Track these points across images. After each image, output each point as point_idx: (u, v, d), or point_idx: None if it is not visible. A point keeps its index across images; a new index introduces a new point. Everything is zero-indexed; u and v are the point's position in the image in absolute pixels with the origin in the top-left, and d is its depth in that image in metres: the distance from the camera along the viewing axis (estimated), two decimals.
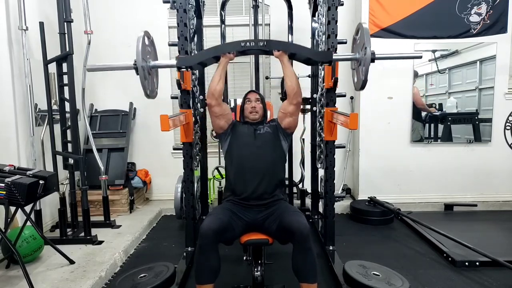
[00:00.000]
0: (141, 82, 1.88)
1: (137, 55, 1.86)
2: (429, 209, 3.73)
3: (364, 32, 1.85)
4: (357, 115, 1.98)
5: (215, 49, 2.12)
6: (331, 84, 2.31)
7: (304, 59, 2.20)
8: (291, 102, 2.12)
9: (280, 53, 2.10)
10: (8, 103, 2.73)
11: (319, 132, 2.79)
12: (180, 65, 2.08)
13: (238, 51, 2.11)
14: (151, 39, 2.04)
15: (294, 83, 2.10)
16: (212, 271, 1.79)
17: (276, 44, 2.16)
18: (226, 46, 2.29)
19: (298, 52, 2.12)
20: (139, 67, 1.85)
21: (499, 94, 3.65)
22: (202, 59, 2.15)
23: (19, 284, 2.12)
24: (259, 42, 2.09)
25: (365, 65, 1.85)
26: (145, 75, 1.90)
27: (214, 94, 2.08)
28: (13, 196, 1.96)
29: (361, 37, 1.91)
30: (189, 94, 2.40)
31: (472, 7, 3.53)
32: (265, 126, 2.19)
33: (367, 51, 1.81)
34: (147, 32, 1.97)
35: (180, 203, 2.99)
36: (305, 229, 1.72)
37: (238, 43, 2.06)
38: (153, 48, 2.07)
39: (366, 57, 1.81)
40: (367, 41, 1.82)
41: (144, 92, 1.92)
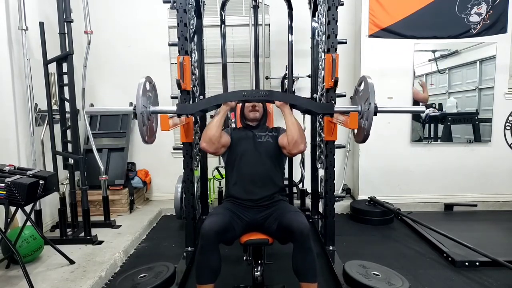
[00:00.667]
0: (139, 128, 1.83)
1: (137, 101, 1.78)
2: (429, 209, 3.73)
3: (368, 86, 1.84)
4: (357, 115, 1.98)
5: (216, 98, 2.09)
6: (331, 84, 2.31)
7: (305, 111, 2.20)
8: (290, 152, 2.05)
9: (281, 103, 2.06)
10: (8, 103, 2.73)
11: (319, 132, 2.79)
12: (181, 112, 2.06)
13: (239, 100, 2.10)
14: (153, 84, 1.99)
15: (295, 133, 2.01)
16: (213, 271, 1.79)
17: (277, 95, 2.13)
18: (228, 95, 2.27)
19: (299, 104, 2.11)
20: (138, 114, 1.79)
21: (499, 94, 3.65)
22: (203, 107, 2.14)
23: (19, 284, 2.12)
24: (261, 93, 2.07)
25: (368, 119, 1.84)
26: (144, 121, 1.84)
27: (214, 142, 2.01)
28: (13, 196, 1.96)
29: (364, 90, 1.90)
30: (189, 94, 2.39)
31: (472, 7, 3.53)
32: (267, 134, 2.17)
33: (371, 106, 1.80)
34: (149, 77, 1.91)
35: (180, 203, 2.99)
36: (305, 229, 1.72)
37: (240, 93, 2.04)
38: (154, 92, 2.01)
39: (369, 111, 1.81)
40: (371, 95, 1.81)
41: (142, 139, 1.86)
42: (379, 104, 1.89)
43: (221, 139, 2.06)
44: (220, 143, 2.05)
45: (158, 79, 2.20)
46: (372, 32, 3.57)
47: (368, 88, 1.84)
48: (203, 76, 3.29)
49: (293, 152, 2.06)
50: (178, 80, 2.26)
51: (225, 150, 2.14)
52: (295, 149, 2.03)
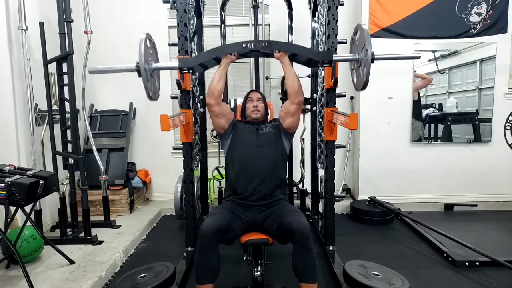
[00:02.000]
0: (143, 84, 1.88)
1: (140, 57, 1.85)
2: (429, 209, 3.73)
3: (364, 33, 1.85)
4: (357, 115, 1.98)
5: (216, 50, 2.12)
6: (331, 84, 2.31)
7: (304, 60, 2.20)
8: (292, 102, 2.12)
9: (280, 53, 2.11)
10: (8, 103, 2.73)
11: (319, 132, 2.79)
12: (182, 66, 2.08)
13: (239, 52, 2.11)
14: (153, 42, 2.04)
15: (295, 82, 2.10)
16: (212, 271, 1.79)
17: (277, 44, 2.16)
18: (227, 47, 2.30)
19: (299, 52, 2.12)
20: (141, 70, 1.85)
21: (499, 94, 3.65)
22: (203, 60, 2.16)
23: (19, 284, 2.12)
24: (260, 43, 2.09)
25: (366, 66, 1.84)
26: (148, 77, 1.90)
27: (214, 93, 2.09)
28: (13, 196, 1.96)
29: (360, 38, 1.91)
30: (189, 94, 2.39)
31: (472, 7, 3.53)
32: (267, 126, 2.19)
33: (367, 52, 1.80)
34: (149, 34, 1.96)
35: (180, 203, 2.99)
36: (305, 229, 1.72)
37: (239, 44, 2.06)
38: (154, 50, 2.06)
39: (367, 58, 1.81)
40: (367, 42, 1.81)
41: (147, 94, 1.92)
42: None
43: (223, 105, 2.14)
44: (220, 97, 2.13)
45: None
46: (372, 32, 3.57)
47: (364, 35, 1.83)
48: (203, 76, 3.29)
49: (295, 102, 2.12)
50: (178, 80, 2.26)
51: (225, 121, 2.15)
52: (296, 98, 2.11)
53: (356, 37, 1.99)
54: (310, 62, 2.25)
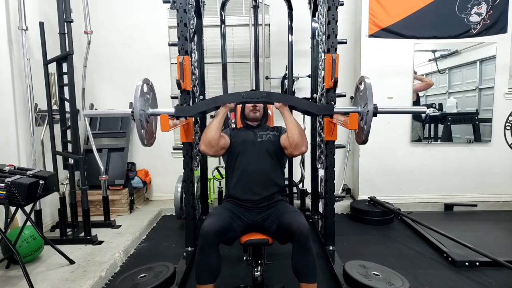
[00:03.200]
0: (137, 131, 1.82)
1: (134, 102, 1.76)
2: (429, 209, 3.73)
3: (366, 87, 1.83)
4: (357, 115, 1.98)
5: (215, 100, 2.09)
6: (331, 84, 2.31)
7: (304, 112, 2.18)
8: (291, 154, 2.07)
9: (280, 104, 2.05)
10: (8, 103, 2.73)
11: (319, 132, 2.79)
12: (179, 115, 2.05)
13: (238, 102, 2.10)
14: (150, 85, 1.96)
15: (295, 134, 2.00)
16: (213, 272, 1.79)
17: (275, 97, 2.13)
18: (226, 97, 2.26)
19: (298, 106, 2.10)
20: (136, 118, 1.78)
21: (499, 94, 3.65)
22: (201, 110, 2.14)
23: (19, 284, 2.12)
24: (259, 95, 2.07)
25: (367, 123, 1.83)
26: (143, 124, 1.83)
27: (211, 143, 2.00)
28: (13, 196, 1.96)
29: (364, 91, 1.89)
30: (189, 94, 2.39)
31: (472, 7, 3.53)
32: (268, 133, 2.17)
33: (369, 108, 1.79)
34: (147, 79, 1.89)
35: (180, 203, 2.99)
36: (305, 229, 1.72)
37: (238, 94, 2.03)
38: (152, 94, 2.00)
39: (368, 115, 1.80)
40: (369, 98, 1.80)
41: (141, 142, 1.85)
42: (380, 104, 1.88)
43: (220, 141, 2.04)
44: (219, 145, 2.04)
45: (158, 79, 2.21)
46: (372, 32, 3.57)
47: (366, 90, 1.83)
48: (203, 76, 3.29)
49: (294, 154, 2.06)
50: (178, 80, 2.26)
51: (224, 151, 2.13)
52: (296, 151, 2.04)
53: (360, 87, 1.97)
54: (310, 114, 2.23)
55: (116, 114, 1.90)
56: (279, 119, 3.52)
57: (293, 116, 2.07)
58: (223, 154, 2.15)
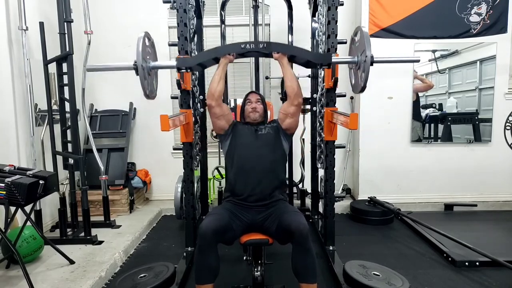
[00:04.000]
0: (140, 82, 1.88)
1: (137, 55, 1.86)
2: (429, 209, 3.73)
3: (363, 36, 1.85)
4: (357, 115, 1.98)
5: (215, 50, 2.12)
6: (331, 84, 2.31)
7: (303, 61, 2.19)
8: (291, 103, 2.12)
9: (279, 55, 2.09)
10: (8, 103, 2.73)
11: (319, 132, 2.79)
12: (180, 66, 2.08)
13: (238, 52, 2.11)
14: (152, 41, 2.04)
15: (294, 84, 2.09)
16: (212, 271, 1.79)
17: (276, 46, 2.15)
18: (226, 47, 2.29)
19: (298, 54, 2.11)
20: (139, 68, 1.86)
21: (499, 94, 3.65)
22: (202, 60, 2.15)
23: (19, 284, 2.12)
24: (259, 44, 2.09)
25: (365, 70, 1.84)
26: (145, 75, 1.90)
27: (214, 94, 2.08)
28: (13, 196, 1.96)
29: (360, 40, 1.91)
30: (189, 94, 2.39)
31: (472, 7, 3.53)
32: (266, 126, 2.19)
33: (367, 56, 1.80)
34: (148, 33, 1.97)
35: (180, 203, 2.99)
36: (305, 229, 1.72)
37: (238, 44, 2.07)
38: (153, 49, 2.07)
39: (366, 61, 1.81)
40: (367, 45, 1.81)
41: (144, 93, 1.93)
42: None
43: (223, 106, 2.13)
44: (220, 98, 2.12)
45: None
46: (372, 32, 3.57)
47: (364, 38, 1.84)
48: (203, 76, 3.29)
49: (294, 103, 2.10)
50: (178, 80, 2.26)
51: (225, 122, 2.15)
52: (295, 100, 2.10)
53: (356, 38, 1.99)
54: (309, 64, 2.24)
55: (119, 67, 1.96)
56: None
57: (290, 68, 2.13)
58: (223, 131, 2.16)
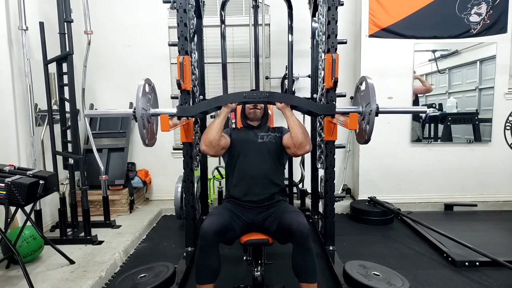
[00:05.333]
0: (139, 130, 1.83)
1: (137, 102, 1.79)
2: (429, 209, 3.73)
3: (369, 87, 1.84)
4: (357, 115, 1.98)
5: (216, 100, 2.09)
6: (331, 85, 2.31)
7: (305, 110, 2.18)
8: (295, 153, 2.05)
9: (282, 105, 2.04)
10: (8, 103, 2.73)
11: (319, 132, 2.79)
12: (181, 115, 2.05)
13: (240, 102, 2.10)
14: (152, 86, 1.99)
15: (299, 134, 1.98)
16: (212, 271, 1.79)
17: (278, 97, 2.12)
18: (228, 97, 2.25)
19: (300, 105, 2.09)
20: (138, 117, 1.80)
21: (499, 94, 3.65)
22: (203, 109, 2.13)
23: (19, 284, 2.12)
24: (261, 94, 2.06)
25: (369, 122, 1.83)
26: (144, 124, 1.84)
27: (212, 143, 1.98)
28: (13, 196, 1.96)
29: (365, 91, 1.89)
30: (189, 94, 2.39)
31: (472, 7, 3.53)
32: (269, 134, 2.16)
33: (372, 109, 1.79)
34: (148, 79, 1.91)
35: (180, 203, 2.99)
36: (305, 229, 1.72)
37: (240, 94, 2.04)
38: (153, 94, 2.01)
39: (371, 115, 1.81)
40: (372, 98, 1.81)
41: (143, 142, 1.87)
42: (380, 105, 1.89)
43: (221, 141, 2.03)
44: (220, 145, 2.03)
45: (158, 79, 2.21)
46: (372, 32, 3.57)
47: (369, 89, 1.83)
48: (203, 76, 3.29)
49: (298, 153, 2.06)
50: (178, 80, 2.26)
51: (225, 151, 2.13)
52: (300, 150, 2.02)
53: (361, 87, 1.97)
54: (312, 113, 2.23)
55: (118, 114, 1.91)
56: (279, 119, 3.53)
57: (295, 116, 2.06)
58: (223, 154, 2.15)
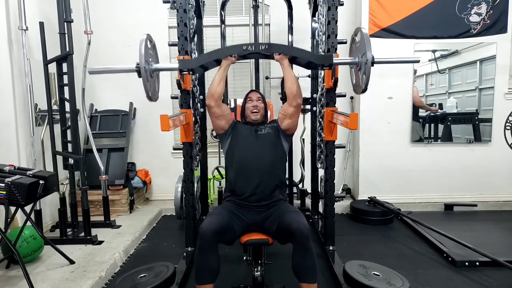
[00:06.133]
0: (143, 84, 1.89)
1: (140, 57, 1.86)
2: (429, 209, 3.73)
3: (364, 37, 1.85)
4: (357, 115, 1.98)
5: (217, 52, 2.13)
6: (331, 84, 2.31)
7: (304, 63, 2.20)
8: (290, 104, 2.12)
9: (280, 56, 2.10)
10: (8, 103, 2.73)
11: (319, 132, 2.79)
12: (182, 67, 2.09)
13: (239, 54, 2.11)
14: (153, 43, 2.05)
15: (294, 85, 2.09)
16: (212, 271, 1.79)
17: (277, 47, 2.16)
18: (228, 49, 2.30)
19: (299, 55, 2.12)
20: (141, 70, 1.86)
21: (499, 94, 3.65)
22: (204, 62, 2.15)
23: (19, 284, 2.12)
24: (260, 45, 2.09)
25: (365, 72, 1.84)
26: (148, 77, 1.91)
27: (214, 95, 2.09)
28: (13, 196, 1.96)
29: (361, 41, 1.91)
30: (189, 94, 2.39)
31: (472, 7, 3.53)
32: (266, 126, 2.20)
33: (367, 57, 1.80)
34: (149, 35, 1.97)
35: (180, 203, 2.99)
36: (305, 229, 1.72)
37: (239, 46, 2.07)
38: (155, 51, 2.07)
39: (366, 64, 1.81)
40: (367, 47, 1.81)
41: (146, 95, 1.94)
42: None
43: (222, 106, 2.13)
44: (220, 99, 2.12)
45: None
46: (372, 32, 3.57)
47: (364, 40, 1.84)
48: (203, 76, 3.29)
49: (293, 104, 2.10)
50: (178, 80, 2.26)
51: (225, 122, 2.15)
52: (294, 101, 2.09)
53: (356, 38, 1.99)
54: (310, 65, 2.25)
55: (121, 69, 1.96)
56: None
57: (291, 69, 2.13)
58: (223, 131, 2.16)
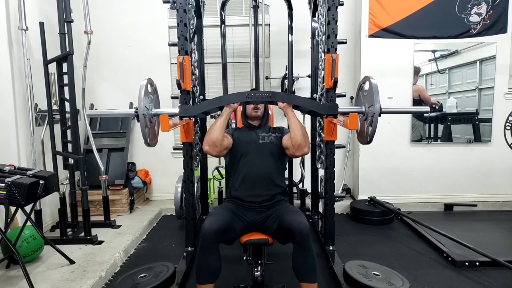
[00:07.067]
0: (141, 130, 1.85)
1: (139, 102, 1.81)
2: (429, 209, 3.73)
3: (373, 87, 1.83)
4: (357, 115, 1.98)
5: (219, 100, 2.09)
6: (331, 84, 2.30)
7: (307, 110, 2.18)
8: (293, 154, 2.06)
9: (284, 105, 2.04)
10: (8, 103, 2.73)
11: (319, 132, 2.79)
12: (183, 115, 2.06)
13: (242, 102, 2.09)
14: (154, 86, 2.00)
15: (298, 134, 1.99)
16: (213, 271, 1.79)
17: (280, 97, 2.12)
18: (230, 97, 2.25)
19: (302, 105, 2.09)
20: (140, 116, 1.81)
21: (499, 94, 3.65)
22: (205, 109, 2.13)
23: (19, 284, 2.12)
24: (263, 94, 2.06)
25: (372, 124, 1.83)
26: (146, 123, 1.86)
27: (215, 144, 1.99)
28: (13, 196, 1.96)
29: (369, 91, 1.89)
30: (189, 94, 2.39)
31: (472, 7, 3.53)
32: (270, 134, 2.16)
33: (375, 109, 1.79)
34: (150, 79, 1.93)
35: (180, 203, 2.99)
36: (305, 229, 1.72)
37: (242, 94, 2.03)
38: (156, 95, 2.03)
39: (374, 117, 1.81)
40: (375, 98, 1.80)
41: (144, 140, 1.89)
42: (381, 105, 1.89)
43: (224, 141, 2.04)
44: (223, 146, 2.03)
45: (158, 79, 2.21)
46: (372, 32, 3.57)
47: (373, 90, 1.83)
48: (203, 76, 3.29)
49: (296, 155, 2.06)
50: (178, 80, 2.26)
51: (227, 151, 2.13)
52: (298, 151, 2.03)
53: (365, 86, 1.96)
54: (315, 114, 2.23)
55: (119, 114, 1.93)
56: (279, 118, 3.54)
57: (296, 117, 2.06)
58: (225, 154, 2.15)
